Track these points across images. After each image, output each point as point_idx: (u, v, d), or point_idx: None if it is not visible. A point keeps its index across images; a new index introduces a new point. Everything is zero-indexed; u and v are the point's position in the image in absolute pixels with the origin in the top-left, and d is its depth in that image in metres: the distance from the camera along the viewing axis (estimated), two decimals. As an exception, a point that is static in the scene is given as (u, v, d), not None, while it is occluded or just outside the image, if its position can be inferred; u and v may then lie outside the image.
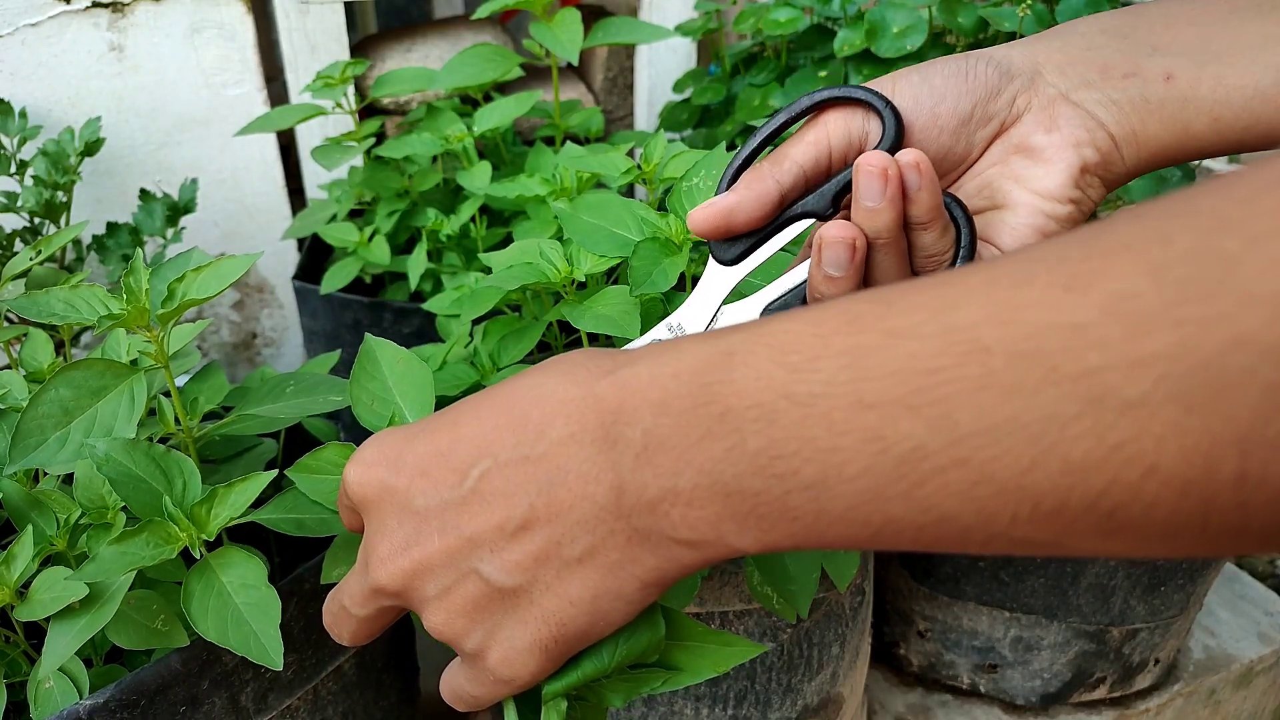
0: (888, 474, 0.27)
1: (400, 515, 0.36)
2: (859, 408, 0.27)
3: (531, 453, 0.33)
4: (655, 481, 0.31)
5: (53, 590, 0.50)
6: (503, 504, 0.33)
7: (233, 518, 0.51)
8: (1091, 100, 0.43)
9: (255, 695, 0.56)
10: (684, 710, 0.65)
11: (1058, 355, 0.24)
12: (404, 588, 0.36)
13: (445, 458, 0.35)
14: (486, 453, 0.34)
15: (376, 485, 0.36)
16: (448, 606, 0.35)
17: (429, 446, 0.36)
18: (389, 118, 1.10)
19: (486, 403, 0.35)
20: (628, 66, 1.22)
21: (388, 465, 0.36)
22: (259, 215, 1.08)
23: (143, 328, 0.52)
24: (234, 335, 1.14)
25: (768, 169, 0.45)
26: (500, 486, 0.33)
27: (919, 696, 0.93)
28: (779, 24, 0.95)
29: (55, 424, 0.50)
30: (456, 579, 0.35)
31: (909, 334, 0.26)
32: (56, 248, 0.68)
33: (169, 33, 0.96)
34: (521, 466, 0.33)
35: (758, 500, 0.29)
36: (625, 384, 0.32)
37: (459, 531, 0.34)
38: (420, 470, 0.35)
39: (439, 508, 0.35)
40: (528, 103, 0.85)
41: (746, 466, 0.29)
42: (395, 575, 0.36)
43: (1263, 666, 0.98)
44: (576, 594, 0.34)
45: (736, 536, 0.31)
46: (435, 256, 0.87)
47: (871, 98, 0.44)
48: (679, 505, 0.31)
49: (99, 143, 0.89)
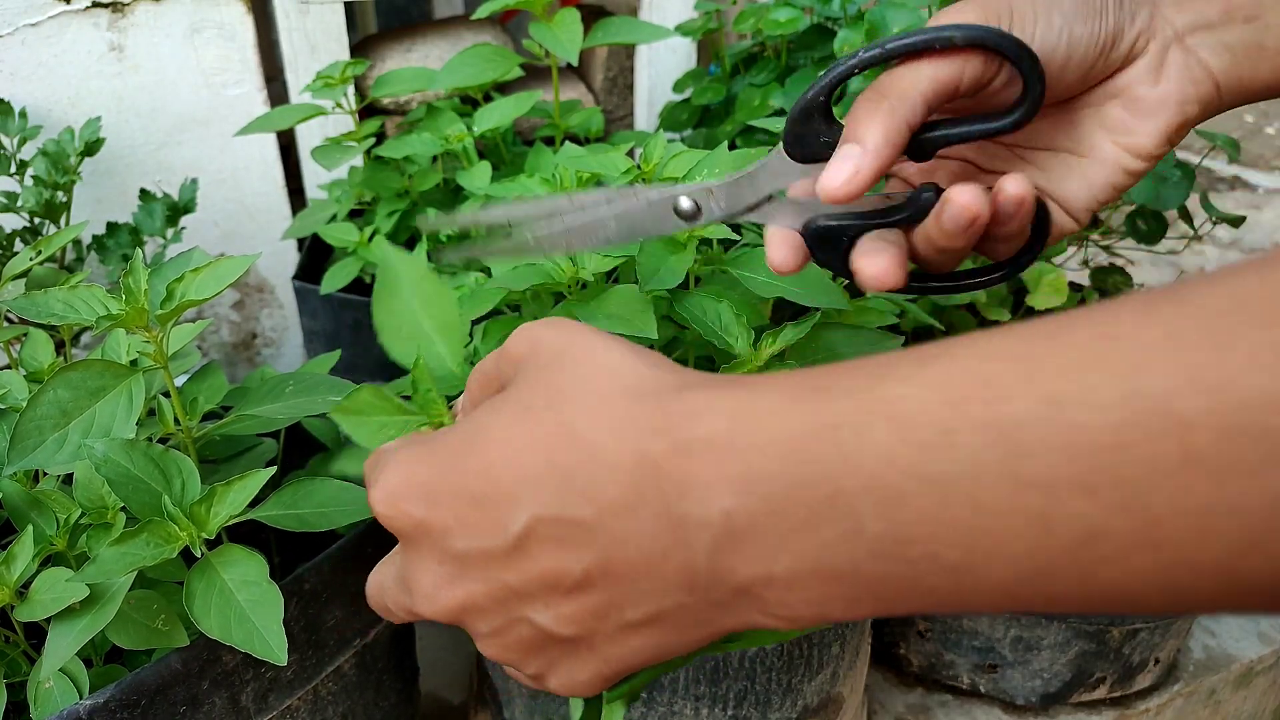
0: (1057, 556, 0.23)
1: (440, 556, 0.32)
2: (1015, 487, 0.23)
3: (579, 515, 0.29)
4: (743, 568, 0.27)
5: (53, 591, 0.50)
6: (552, 563, 0.30)
7: (232, 516, 0.51)
8: (1206, 45, 0.40)
9: (255, 695, 0.56)
10: (684, 710, 0.65)
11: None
12: (451, 621, 0.33)
13: (480, 505, 0.31)
14: (526, 504, 0.30)
15: (411, 522, 0.32)
16: (500, 643, 0.33)
17: (461, 484, 0.31)
18: (389, 118, 1.10)
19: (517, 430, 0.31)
20: (628, 66, 1.22)
21: (420, 500, 0.32)
22: (259, 215, 1.08)
23: (142, 328, 0.52)
24: (234, 335, 1.14)
25: (888, 112, 0.39)
26: (548, 545, 0.30)
27: (919, 696, 0.93)
28: (779, 24, 0.95)
29: (54, 425, 0.50)
30: (507, 622, 0.32)
31: (1075, 402, 0.23)
32: (56, 248, 0.68)
33: (169, 33, 0.96)
34: (570, 528, 0.29)
35: (880, 583, 0.26)
36: (692, 454, 0.27)
37: (505, 584, 0.31)
38: (455, 514, 0.31)
39: (481, 556, 0.31)
40: (528, 103, 0.85)
41: (866, 552, 0.25)
42: (440, 611, 0.33)
43: (1263, 666, 0.98)
44: (640, 644, 0.31)
45: (845, 612, 0.27)
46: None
47: (1022, 58, 0.39)
48: (775, 589, 0.27)
49: (99, 143, 0.89)
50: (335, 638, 0.61)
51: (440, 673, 0.97)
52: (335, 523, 0.53)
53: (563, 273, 0.59)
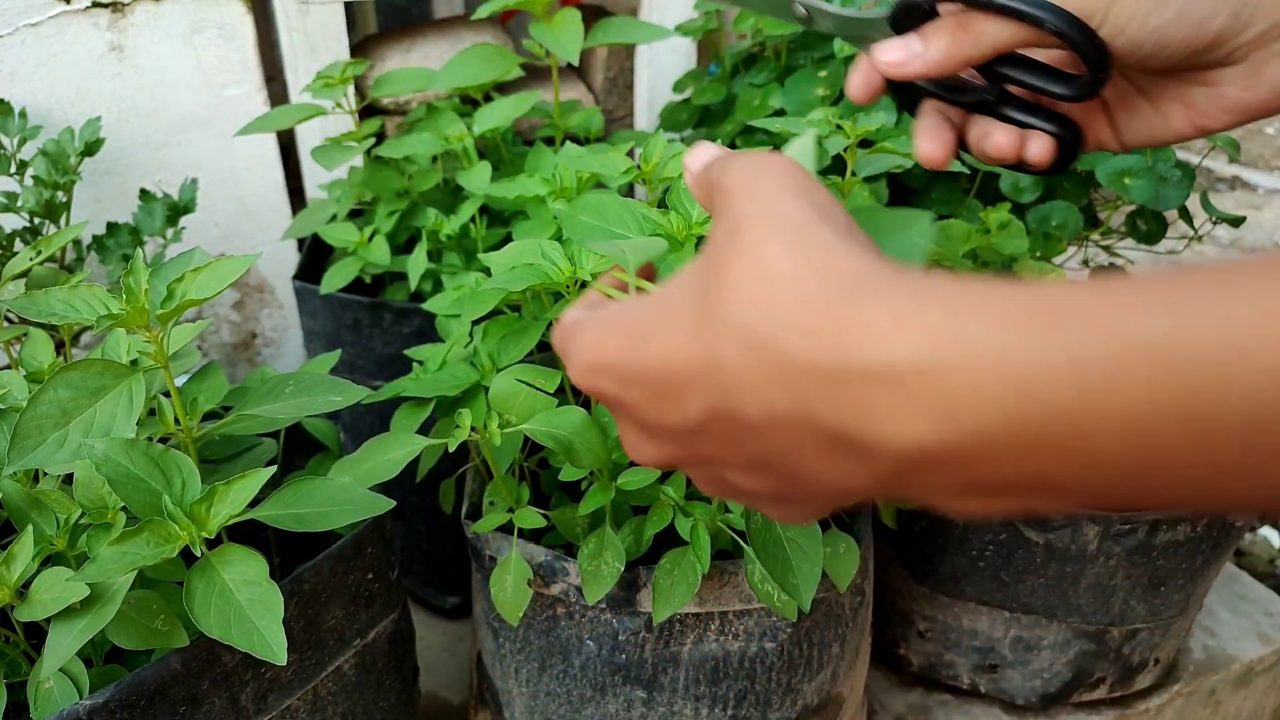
0: None
1: (638, 426, 0.35)
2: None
3: (747, 415, 0.29)
4: (938, 482, 0.27)
5: (53, 590, 0.50)
6: (733, 450, 0.31)
7: (232, 515, 0.51)
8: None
9: (255, 695, 0.56)
10: (684, 710, 0.65)
11: None
12: (660, 466, 0.36)
13: (662, 392, 0.32)
14: (700, 395, 0.30)
15: (607, 397, 0.35)
16: (711, 489, 0.36)
17: (645, 368, 0.32)
18: (389, 118, 1.10)
19: (693, 318, 0.30)
20: (628, 66, 1.22)
21: (611, 380, 0.34)
22: (259, 215, 1.08)
23: (142, 328, 0.52)
24: (234, 335, 1.14)
25: (969, 50, 0.45)
26: (722, 434, 0.31)
27: (919, 696, 0.93)
28: (779, 24, 0.95)
29: (54, 424, 0.50)
30: (710, 475, 0.35)
31: None
32: (56, 248, 0.68)
33: (169, 33, 0.96)
34: (739, 426, 0.30)
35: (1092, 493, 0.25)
36: (878, 380, 0.25)
37: (697, 451, 0.33)
38: (643, 395, 0.33)
39: (671, 431, 0.33)
40: (528, 103, 0.85)
41: (1097, 477, 0.24)
42: (649, 462, 0.36)
43: (1263, 666, 0.98)
44: (830, 501, 0.33)
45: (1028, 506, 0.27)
46: (435, 256, 0.87)
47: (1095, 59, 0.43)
48: (981, 496, 0.27)
49: (99, 143, 0.89)
50: (335, 638, 0.61)
51: (440, 673, 0.97)
52: (335, 523, 0.53)
53: (561, 273, 0.59)
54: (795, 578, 0.54)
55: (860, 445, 0.27)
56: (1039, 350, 0.24)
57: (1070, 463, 0.24)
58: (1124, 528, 0.75)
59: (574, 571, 0.61)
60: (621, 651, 0.63)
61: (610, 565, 0.59)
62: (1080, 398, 0.23)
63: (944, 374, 0.25)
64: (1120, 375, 0.23)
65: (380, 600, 0.64)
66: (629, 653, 0.63)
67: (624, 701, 0.65)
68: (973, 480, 0.26)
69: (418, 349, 0.72)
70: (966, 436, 0.25)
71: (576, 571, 0.61)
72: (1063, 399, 0.23)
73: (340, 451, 0.72)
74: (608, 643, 0.64)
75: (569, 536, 0.65)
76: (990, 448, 0.25)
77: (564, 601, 0.63)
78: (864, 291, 0.27)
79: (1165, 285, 0.24)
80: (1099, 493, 0.25)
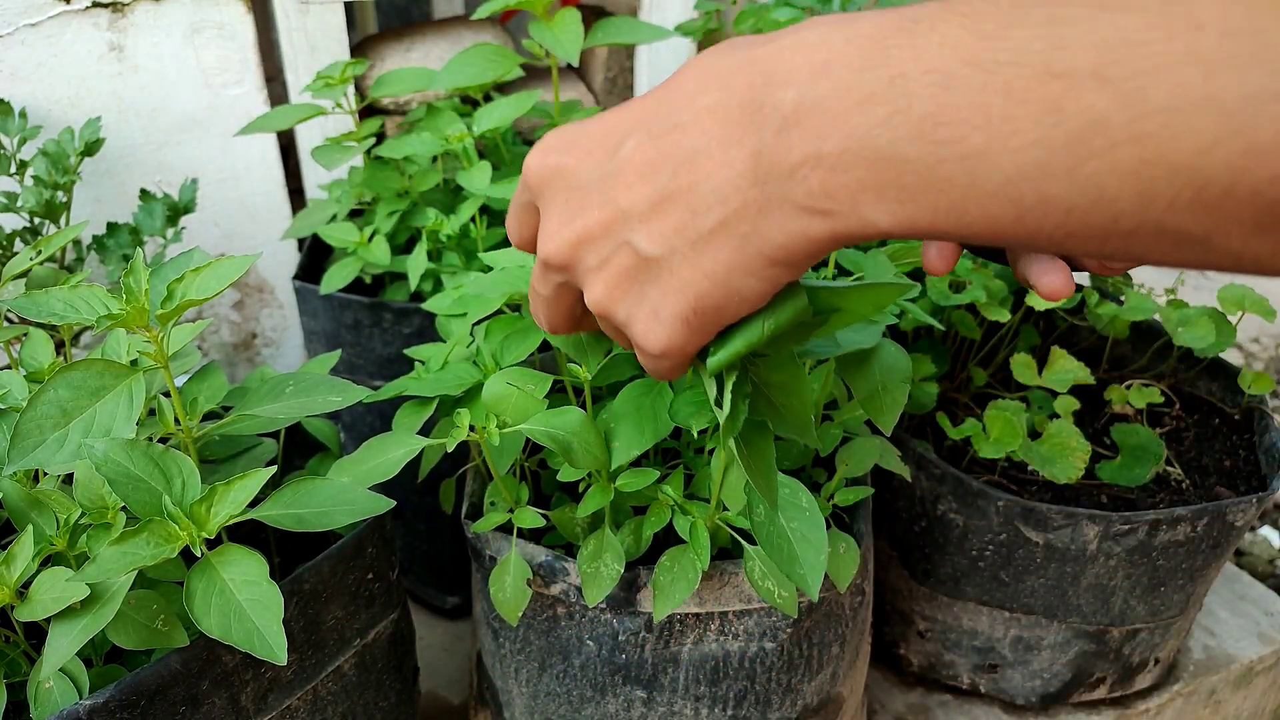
0: (1057, 147, 0.27)
1: (568, 193, 0.38)
2: (1046, 77, 0.27)
3: (680, 121, 0.34)
4: (800, 145, 0.31)
5: (53, 591, 0.50)
6: (650, 174, 0.35)
7: (232, 515, 0.51)
8: None
9: (255, 695, 0.56)
10: (684, 710, 0.65)
11: (1274, 33, 0.24)
12: (569, 259, 0.39)
13: (608, 134, 0.37)
14: (641, 125, 0.36)
15: (551, 168, 0.39)
16: (604, 277, 0.38)
17: (598, 126, 0.38)
18: (389, 118, 1.10)
19: (659, 86, 0.37)
20: (628, 67, 1.22)
21: (562, 148, 0.39)
22: (259, 215, 1.08)
23: (142, 328, 0.52)
24: (234, 335, 1.14)
25: None
26: (650, 157, 0.35)
27: (919, 696, 0.93)
28: (779, 24, 0.95)
29: (54, 424, 0.50)
30: (612, 250, 0.37)
31: (1119, 7, 0.26)
32: (56, 248, 0.68)
33: (169, 33, 0.96)
34: (669, 136, 0.34)
35: (907, 168, 0.29)
36: (786, 47, 0.32)
37: (615, 203, 0.36)
38: (587, 149, 0.38)
39: (599, 180, 0.37)
40: (528, 103, 0.85)
41: (905, 132, 0.29)
42: (561, 246, 0.38)
43: (1263, 666, 0.98)
44: (709, 266, 0.35)
45: (873, 207, 0.31)
46: (435, 256, 0.87)
47: None
48: (820, 169, 0.31)
49: (99, 143, 0.89)
50: (335, 638, 0.61)
51: (440, 673, 0.97)
52: (335, 523, 0.53)
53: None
54: (801, 568, 0.54)
55: (759, 104, 0.32)
56: (894, 20, 0.31)
57: (897, 110, 0.29)
58: (1124, 528, 0.75)
59: (574, 571, 0.61)
60: (621, 651, 0.64)
61: (610, 567, 0.59)
62: (911, 49, 0.30)
63: (829, 41, 0.31)
64: (940, 27, 0.29)
65: (380, 600, 0.64)
66: (629, 653, 0.63)
67: (624, 701, 0.65)
68: (830, 147, 0.31)
69: (419, 349, 0.72)
70: (832, 86, 0.31)
71: (576, 571, 0.61)
72: (899, 49, 0.30)
73: (340, 451, 0.72)
74: (608, 643, 0.64)
75: (569, 537, 0.65)
76: (846, 94, 0.30)
77: (564, 601, 0.63)
78: (799, 24, 0.34)
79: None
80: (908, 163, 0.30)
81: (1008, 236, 0.29)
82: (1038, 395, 0.87)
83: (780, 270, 0.34)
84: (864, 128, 0.30)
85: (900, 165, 0.29)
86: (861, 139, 0.30)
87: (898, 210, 0.30)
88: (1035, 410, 0.86)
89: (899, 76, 0.29)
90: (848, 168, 0.30)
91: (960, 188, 0.29)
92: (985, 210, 0.29)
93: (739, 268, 0.34)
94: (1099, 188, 0.27)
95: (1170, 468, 0.85)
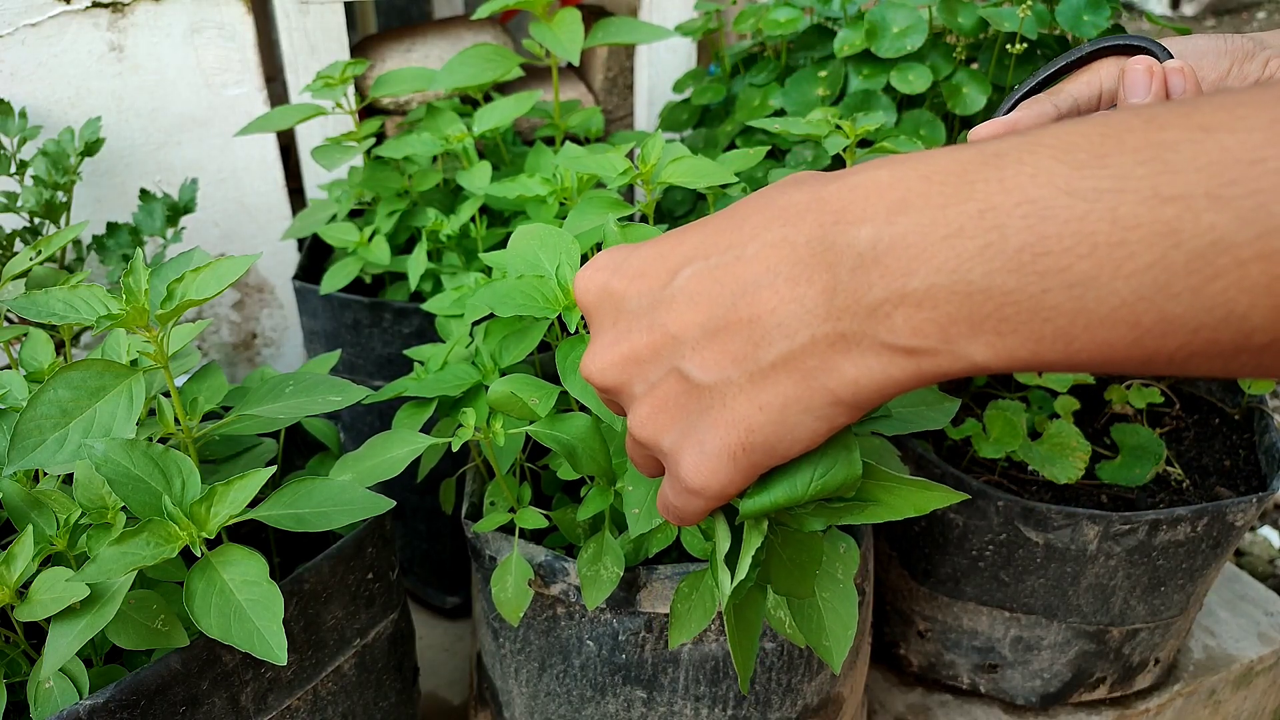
0: (1178, 268, 0.26)
1: (616, 316, 0.38)
2: (1155, 201, 0.26)
3: (743, 254, 0.34)
4: (881, 283, 0.30)
5: (53, 591, 0.50)
6: (706, 303, 0.34)
7: (232, 515, 0.51)
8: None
9: (255, 695, 0.56)
10: (684, 710, 0.65)
11: None
12: (615, 383, 0.38)
13: (663, 260, 0.37)
14: (700, 255, 0.35)
15: (599, 289, 0.39)
16: (650, 402, 0.37)
17: (652, 250, 0.37)
18: (389, 118, 1.10)
19: (718, 214, 0.36)
20: (628, 66, 1.22)
21: (611, 270, 0.38)
22: (259, 215, 1.08)
23: (142, 328, 0.52)
24: (234, 335, 1.14)
25: (1046, 98, 0.53)
26: (707, 287, 0.34)
27: (919, 696, 0.93)
28: (779, 24, 0.95)
29: (54, 424, 0.50)
30: (660, 376, 0.36)
31: (1226, 128, 0.26)
32: (56, 248, 0.68)
33: (169, 33, 0.96)
34: (730, 268, 0.34)
35: (1006, 299, 0.28)
36: (856, 186, 0.32)
37: (664, 329, 0.35)
38: (639, 273, 0.37)
39: (649, 306, 0.36)
40: (528, 103, 0.85)
41: (1002, 264, 0.28)
42: (606, 369, 0.38)
43: (1263, 666, 0.98)
44: (766, 399, 0.33)
45: (967, 341, 0.29)
46: (435, 256, 0.87)
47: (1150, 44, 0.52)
48: (905, 307, 0.30)
49: (99, 143, 0.89)
50: (335, 638, 0.61)
51: (440, 673, 0.97)
52: (335, 523, 0.53)
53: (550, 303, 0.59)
54: (828, 640, 0.53)
55: (830, 243, 0.31)
56: (975, 154, 0.30)
57: (990, 243, 0.28)
58: (1124, 528, 0.75)
59: (574, 572, 0.61)
60: (621, 651, 0.64)
61: (610, 570, 0.59)
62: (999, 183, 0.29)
63: (904, 178, 0.31)
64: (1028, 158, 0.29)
65: (380, 600, 0.64)
66: (629, 653, 0.63)
67: (624, 701, 0.65)
68: (916, 284, 0.30)
69: (418, 349, 0.72)
70: (913, 222, 0.30)
71: (577, 572, 0.61)
72: (985, 184, 0.29)
73: (340, 451, 0.72)
74: (608, 643, 0.64)
75: (570, 537, 0.65)
76: (930, 229, 0.29)
77: (564, 602, 0.63)
78: (868, 162, 0.33)
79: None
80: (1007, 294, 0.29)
81: (1119, 360, 0.28)
82: (1038, 395, 0.87)
83: (841, 410, 0.33)
84: (954, 262, 0.29)
85: (999, 297, 0.28)
86: (952, 273, 0.29)
87: (996, 343, 0.29)
88: (1035, 410, 0.86)
89: (989, 210, 0.28)
90: (937, 304, 0.29)
91: (1067, 315, 0.28)
92: (1095, 336, 0.28)
93: (798, 402, 0.33)
94: (1228, 305, 0.26)
95: (1170, 468, 0.85)
